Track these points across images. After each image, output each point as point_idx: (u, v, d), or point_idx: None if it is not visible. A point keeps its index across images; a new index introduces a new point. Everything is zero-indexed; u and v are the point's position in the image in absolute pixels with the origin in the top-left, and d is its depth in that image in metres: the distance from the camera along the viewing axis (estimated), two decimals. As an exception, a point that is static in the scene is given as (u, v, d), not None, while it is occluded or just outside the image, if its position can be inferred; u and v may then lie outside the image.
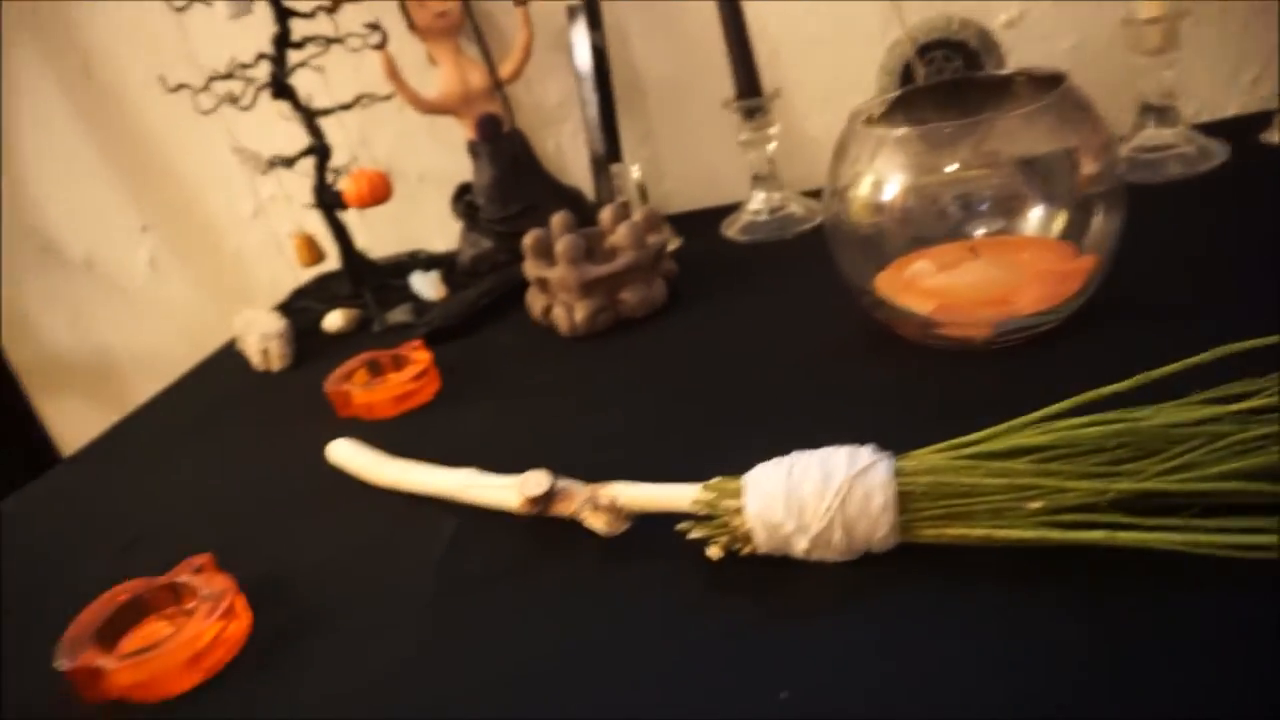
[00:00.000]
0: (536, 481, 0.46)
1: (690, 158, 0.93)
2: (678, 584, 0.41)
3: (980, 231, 0.56)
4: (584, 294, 0.69)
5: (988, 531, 0.36)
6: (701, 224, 0.88)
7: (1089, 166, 0.52)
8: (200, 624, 0.44)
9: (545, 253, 0.72)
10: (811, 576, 0.39)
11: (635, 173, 0.84)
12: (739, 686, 0.35)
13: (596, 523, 0.44)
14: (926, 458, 0.39)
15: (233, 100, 0.83)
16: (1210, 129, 0.76)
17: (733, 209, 0.87)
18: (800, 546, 0.39)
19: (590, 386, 0.64)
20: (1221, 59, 0.80)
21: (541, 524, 0.47)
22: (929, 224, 0.56)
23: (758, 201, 0.83)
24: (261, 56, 0.84)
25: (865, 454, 0.39)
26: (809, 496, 0.38)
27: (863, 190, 0.55)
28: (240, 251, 1.13)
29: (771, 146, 0.81)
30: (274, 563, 0.51)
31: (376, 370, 0.70)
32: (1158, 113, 0.73)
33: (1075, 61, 0.81)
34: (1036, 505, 0.36)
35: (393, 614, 0.45)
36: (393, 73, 0.84)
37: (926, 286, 0.55)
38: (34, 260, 1.20)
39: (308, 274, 1.02)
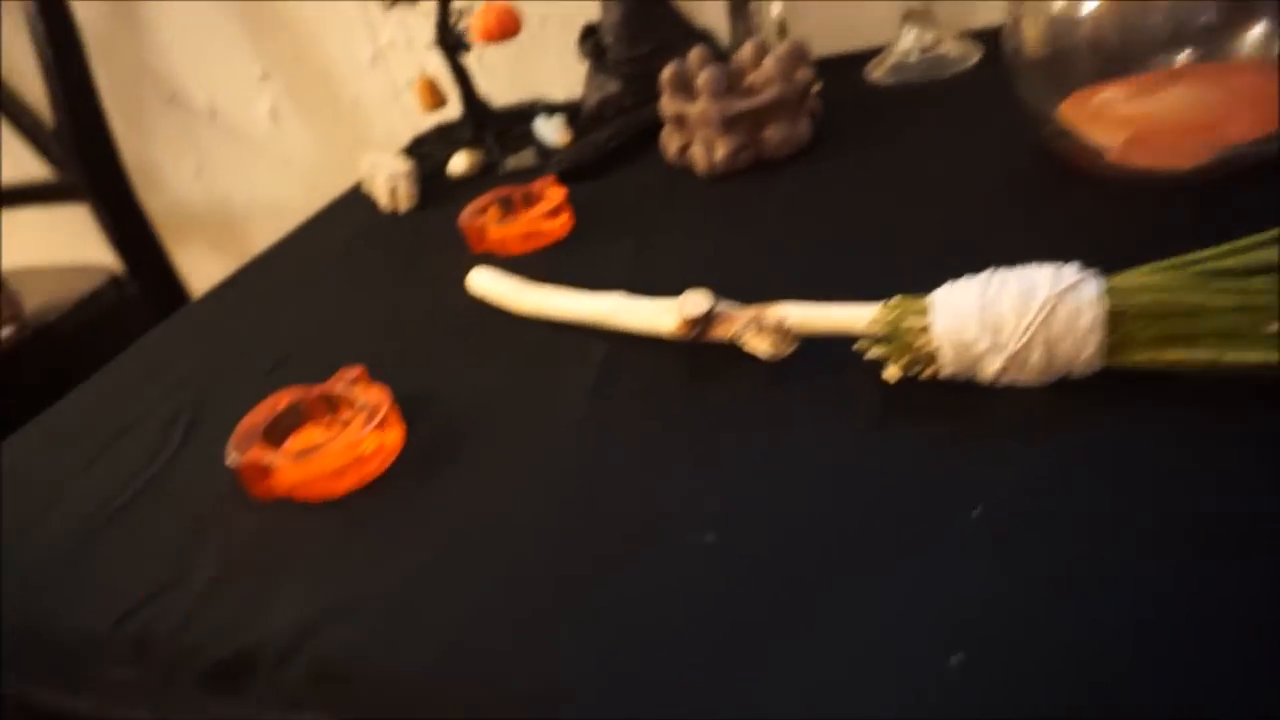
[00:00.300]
0: (696, 302, 0.44)
1: (830, -2, 0.87)
2: (853, 408, 0.39)
3: (1183, 56, 0.50)
4: (725, 130, 0.65)
5: (1215, 354, 0.33)
6: (843, 68, 0.82)
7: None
8: (359, 430, 0.45)
9: (684, 87, 0.68)
10: (1002, 400, 0.37)
11: (776, 9, 0.79)
12: (925, 507, 0.33)
13: (760, 345, 0.42)
14: (1142, 277, 0.35)
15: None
16: None
17: (877, 52, 0.81)
18: (993, 367, 0.36)
19: (734, 226, 0.61)
20: None
21: (695, 350, 0.46)
22: (1123, 48, 0.51)
23: (908, 41, 0.77)
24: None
25: (1071, 271, 0.36)
26: (1007, 313, 0.35)
27: (1052, 8, 0.50)
28: (358, 100, 1.12)
29: (929, -22, 0.74)
30: (424, 382, 0.51)
31: (509, 207, 0.68)
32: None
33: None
34: (1273, 327, 0.32)
35: (545, 434, 0.45)
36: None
37: (1120, 114, 0.50)
38: (161, 110, 1.22)
39: (425, 123, 1.01)
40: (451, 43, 0.87)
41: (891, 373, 0.38)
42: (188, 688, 0.39)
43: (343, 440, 0.45)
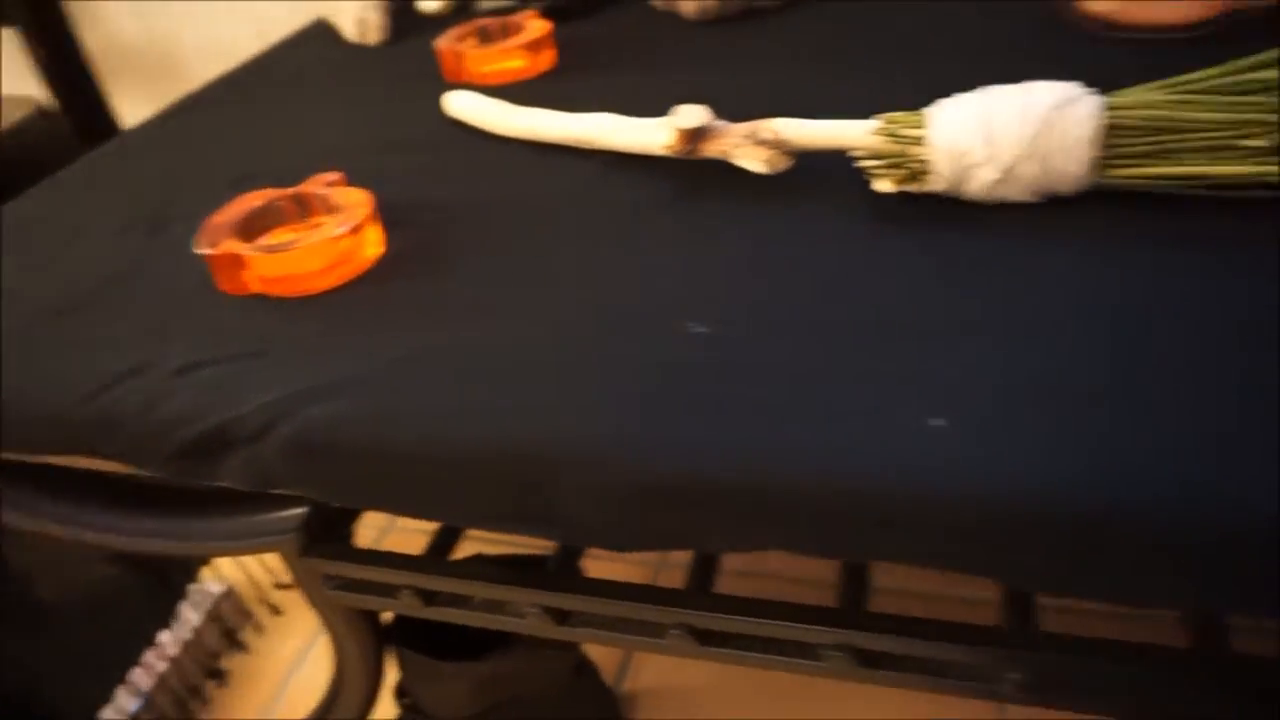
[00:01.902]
0: (692, 114, 0.44)
1: None
2: (846, 218, 0.40)
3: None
4: (714, -26, 0.64)
5: (1199, 169, 0.34)
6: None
7: None
8: (336, 227, 0.44)
9: (675, -73, 0.66)
10: (992, 213, 0.38)
11: None
12: (916, 304, 0.34)
13: (755, 159, 0.42)
14: (1138, 94, 0.36)
15: None
16: None
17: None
18: (986, 178, 0.37)
19: (723, 69, 0.60)
20: None
21: (688, 166, 0.46)
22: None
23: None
24: None
25: (1070, 86, 0.36)
26: (1006, 124, 0.36)
27: None
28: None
29: None
30: (404, 194, 0.50)
31: (487, 38, 0.66)
32: None
33: None
34: (1258, 142, 0.34)
35: (534, 241, 0.44)
36: None
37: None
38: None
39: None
40: None
41: (886, 184, 0.39)
42: (158, 464, 0.39)
43: (320, 235, 0.44)
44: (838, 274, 0.37)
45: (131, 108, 1.25)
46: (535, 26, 0.64)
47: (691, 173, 0.45)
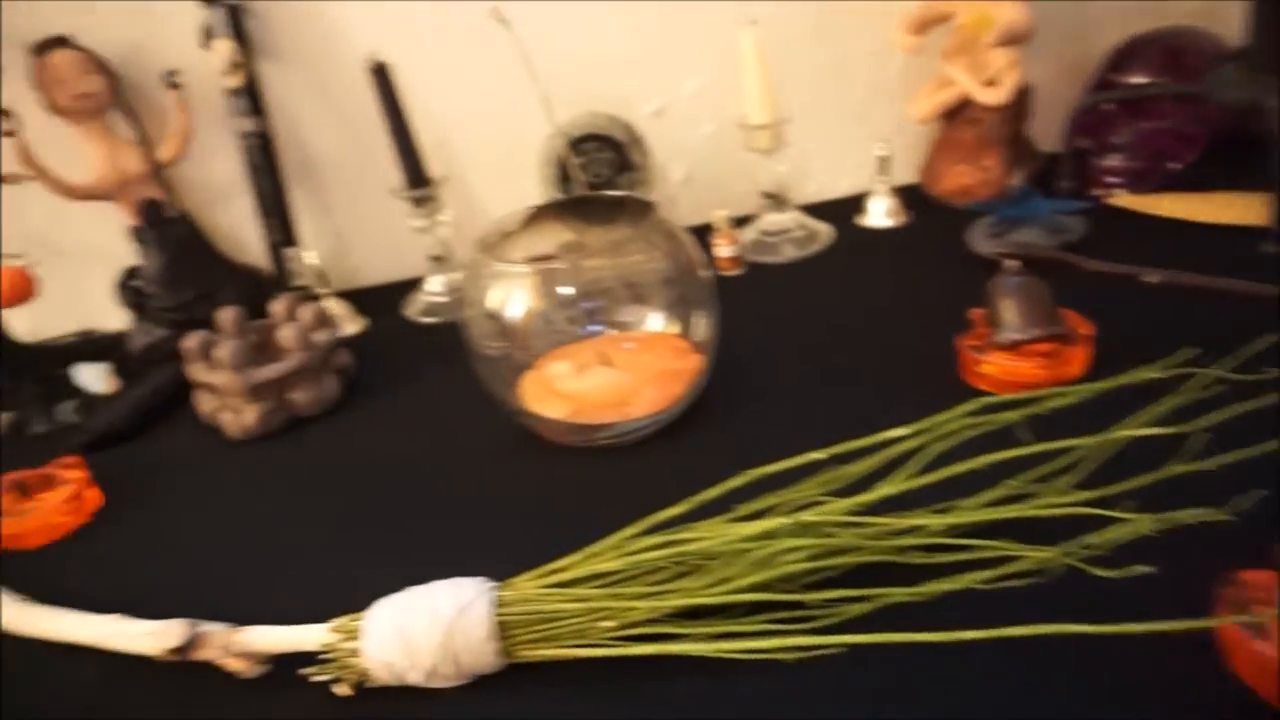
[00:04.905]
0: (174, 633, 0.47)
1: (373, 233, 0.95)
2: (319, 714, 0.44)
3: (600, 330, 0.64)
4: (252, 398, 0.69)
5: (571, 651, 0.43)
6: (390, 300, 0.90)
7: (682, 282, 0.61)
8: None
9: (209, 355, 0.71)
10: (434, 699, 0.44)
11: (311, 257, 0.85)
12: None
13: (236, 666, 0.46)
14: (522, 586, 0.44)
15: None
16: (822, 210, 0.89)
17: (418, 282, 0.89)
18: (415, 679, 0.43)
19: (257, 495, 0.64)
20: (829, 147, 0.93)
21: (186, 669, 0.48)
22: (551, 338, 0.63)
23: (435, 283, 0.86)
24: None
25: (469, 589, 0.44)
26: (419, 636, 0.43)
27: (487, 313, 0.60)
28: None
29: (444, 231, 0.84)
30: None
31: (25, 492, 0.66)
32: (774, 200, 0.84)
33: (713, 146, 0.92)
34: (609, 624, 0.42)
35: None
36: (29, 160, 0.79)
37: (560, 391, 0.61)
38: None
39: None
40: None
41: (341, 689, 0.44)
42: None
43: None
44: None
45: None
46: (72, 478, 0.65)
47: (191, 675, 0.48)
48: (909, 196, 0.87)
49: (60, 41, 0.79)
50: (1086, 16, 0.86)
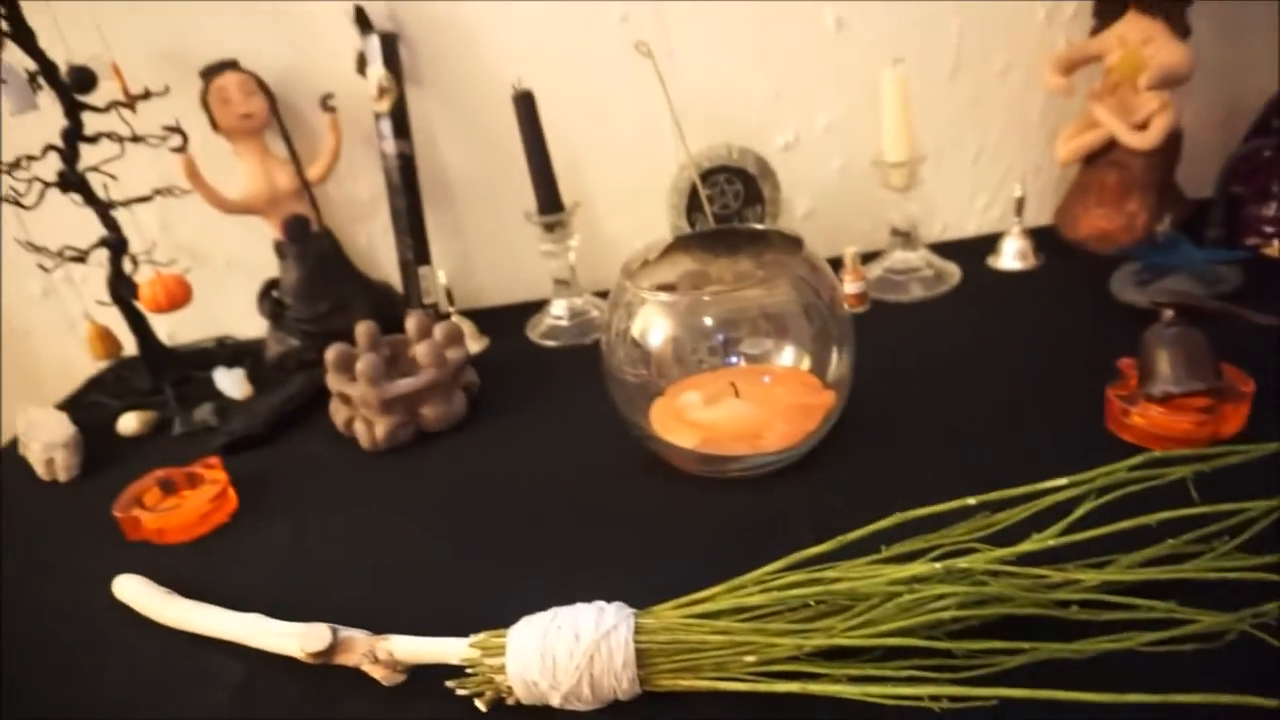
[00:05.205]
0: (318, 637, 0.48)
1: (499, 254, 0.97)
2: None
3: (736, 361, 0.63)
4: (385, 411, 0.71)
5: (711, 683, 0.42)
6: (511, 321, 0.92)
7: (822, 317, 0.60)
8: None
9: (348, 367, 0.74)
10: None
11: (441, 277, 0.87)
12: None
13: (376, 673, 0.47)
14: (664, 614, 0.44)
15: (16, 200, 0.80)
16: (950, 249, 0.87)
17: (541, 305, 0.91)
18: (554, 700, 0.43)
19: (389, 506, 0.66)
20: (959, 187, 0.92)
21: (327, 671, 0.49)
22: (684, 366, 0.63)
23: (559, 307, 0.88)
24: (50, 148, 0.82)
25: (611, 614, 0.44)
26: (561, 657, 0.43)
27: (630, 340, 0.61)
28: (29, 331, 1.07)
29: (571, 256, 0.86)
30: (55, 696, 0.51)
31: (170, 489, 0.69)
32: (904, 237, 0.83)
33: (842, 180, 0.91)
34: (751, 659, 0.42)
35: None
36: (194, 175, 0.84)
37: (691, 420, 0.61)
38: None
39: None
40: (124, 295, 0.88)
41: (481, 705, 0.45)
42: None
43: None
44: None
45: None
46: (214, 477, 0.68)
47: (331, 677, 0.49)
48: (1042, 239, 0.85)
49: (229, 65, 0.84)
50: (1244, 56, 0.83)
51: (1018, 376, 0.66)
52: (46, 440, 0.78)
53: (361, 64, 0.86)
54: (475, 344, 0.88)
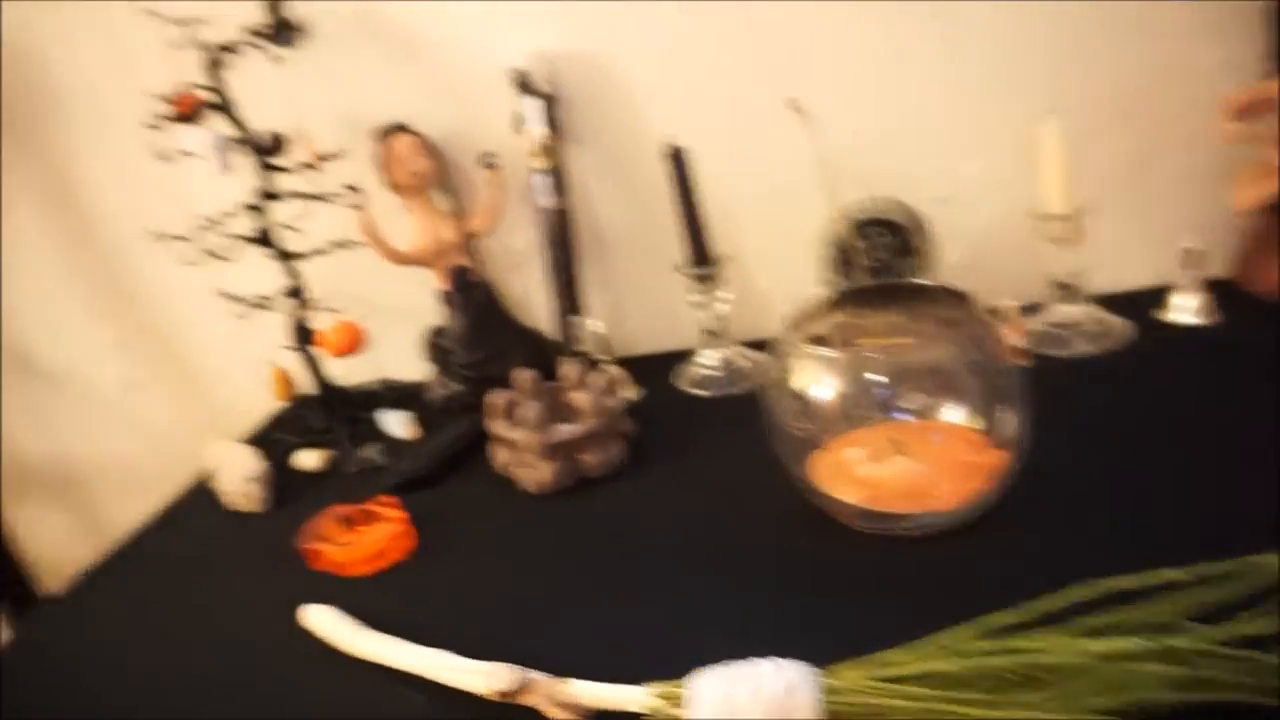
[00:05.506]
0: (503, 677, 0.50)
1: (651, 303, 0.99)
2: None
3: (900, 417, 0.63)
4: (548, 455, 0.74)
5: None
6: (662, 369, 0.93)
7: (990, 373, 0.60)
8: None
9: (509, 412, 0.77)
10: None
11: (595, 326, 0.90)
12: None
13: (559, 716, 0.49)
14: (847, 675, 0.44)
15: (215, 255, 0.87)
16: (1115, 302, 0.84)
17: (688, 354, 0.93)
18: (735, 756, 0.44)
19: (554, 549, 0.68)
20: (1121, 238, 0.89)
21: (508, 709, 0.51)
22: (848, 420, 0.63)
23: (709, 357, 0.89)
24: (248, 207, 0.89)
25: (793, 672, 0.44)
26: (744, 711, 0.43)
27: (794, 394, 0.61)
28: (217, 371, 1.16)
29: (722, 307, 0.87)
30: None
31: (349, 524, 0.74)
32: (1065, 290, 0.81)
33: (994, 232, 0.89)
34: (946, 729, 0.41)
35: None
36: (372, 232, 0.90)
37: (856, 476, 0.61)
38: (9, 368, 1.22)
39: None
40: (304, 340, 0.94)
41: (662, 756, 0.45)
42: None
43: None
44: None
45: (33, 525, 1.29)
46: (392, 516, 0.72)
47: (510, 715, 0.51)
48: (1217, 292, 0.81)
49: (401, 128, 0.90)
50: None
51: (1203, 440, 0.63)
52: (242, 475, 0.84)
53: (518, 124, 0.90)
54: (628, 391, 0.90)
